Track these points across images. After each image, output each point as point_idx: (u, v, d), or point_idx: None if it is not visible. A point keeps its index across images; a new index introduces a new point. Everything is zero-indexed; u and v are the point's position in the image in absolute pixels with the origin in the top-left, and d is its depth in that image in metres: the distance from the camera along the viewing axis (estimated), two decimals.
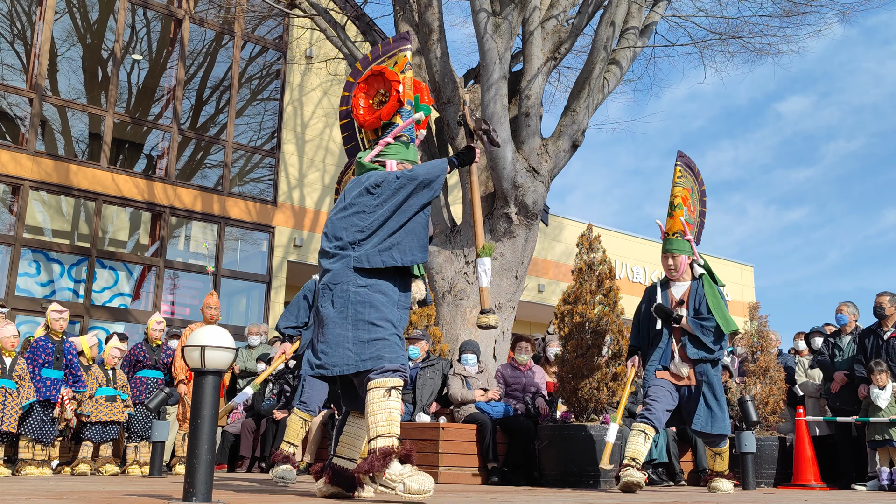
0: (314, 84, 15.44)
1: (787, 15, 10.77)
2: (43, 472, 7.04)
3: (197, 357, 3.28)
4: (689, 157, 6.05)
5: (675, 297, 5.60)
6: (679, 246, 5.64)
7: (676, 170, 5.92)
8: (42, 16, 12.76)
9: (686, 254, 5.64)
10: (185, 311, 13.49)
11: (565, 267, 18.00)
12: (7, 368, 6.94)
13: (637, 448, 5.25)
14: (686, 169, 5.98)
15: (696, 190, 6.07)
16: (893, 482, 6.89)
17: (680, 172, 5.91)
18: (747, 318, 8.23)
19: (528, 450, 6.67)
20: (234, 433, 9.04)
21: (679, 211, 5.70)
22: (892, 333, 7.31)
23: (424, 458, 6.50)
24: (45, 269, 12.33)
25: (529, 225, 8.50)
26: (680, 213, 5.69)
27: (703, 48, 11.70)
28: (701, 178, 6.16)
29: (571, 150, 8.75)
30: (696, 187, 6.06)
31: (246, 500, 3.64)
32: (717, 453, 5.64)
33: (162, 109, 14.15)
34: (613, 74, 9.26)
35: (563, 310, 6.63)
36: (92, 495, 3.79)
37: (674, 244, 5.65)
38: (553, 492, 5.27)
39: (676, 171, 5.92)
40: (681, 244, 5.64)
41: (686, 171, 5.97)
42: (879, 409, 7.02)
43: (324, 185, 15.25)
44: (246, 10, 14.19)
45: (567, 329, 6.52)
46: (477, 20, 8.25)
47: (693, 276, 5.66)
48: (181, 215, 13.59)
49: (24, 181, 12.07)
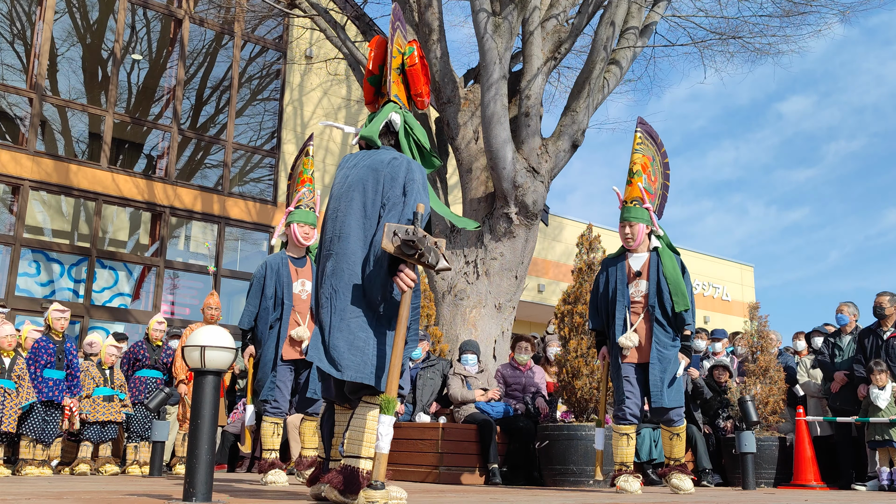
0: (314, 84, 15.44)
1: (787, 15, 10.77)
2: (43, 472, 7.04)
3: (197, 357, 3.28)
4: (650, 125, 5.78)
5: (633, 268, 5.36)
6: (637, 214, 5.37)
7: (636, 136, 5.63)
8: (42, 16, 12.76)
9: (644, 222, 5.37)
10: (185, 311, 13.49)
11: (565, 267, 18.00)
12: (6, 368, 6.94)
13: (623, 451, 5.18)
14: (647, 136, 5.69)
15: (659, 161, 5.77)
16: (893, 482, 6.89)
17: (640, 139, 5.63)
18: (747, 318, 8.23)
19: (528, 450, 6.67)
20: (234, 433, 9.04)
21: (638, 178, 5.45)
22: (892, 333, 7.31)
23: (424, 458, 6.50)
24: (45, 269, 12.33)
25: (529, 225, 8.50)
26: (639, 181, 5.44)
27: (703, 48, 11.70)
28: (664, 150, 5.86)
29: (571, 150, 8.76)
30: (657, 158, 5.77)
31: (246, 500, 3.64)
32: (676, 434, 5.24)
33: (162, 109, 14.16)
34: (613, 74, 9.26)
35: (563, 310, 6.64)
36: (92, 495, 3.79)
37: (631, 212, 5.38)
38: (553, 492, 5.27)
39: (636, 137, 5.63)
40: (639, 212, 5.38)
41: (646, 139, 5.69)
42: (879, 409, 7.02)
43: (324, 185, 15.25)
44: (246, 10, 14.19)
45: (567, 329, 6.52)
46: (477, 20, 8.25)
47: (649, 248, 5.41)
48: (181, 215, 13.59)
49: (24, 181, 12.07)
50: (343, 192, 3.41)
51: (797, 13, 10.67)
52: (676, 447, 5.29)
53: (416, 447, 6.57)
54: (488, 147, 8.19)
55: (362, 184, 3.36)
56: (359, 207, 3.33)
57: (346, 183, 3.43)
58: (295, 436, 8.05)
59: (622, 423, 5.18)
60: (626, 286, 5.34)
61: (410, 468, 6.58)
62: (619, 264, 5.42)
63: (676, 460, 5.30)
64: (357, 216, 3.33)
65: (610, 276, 5.43)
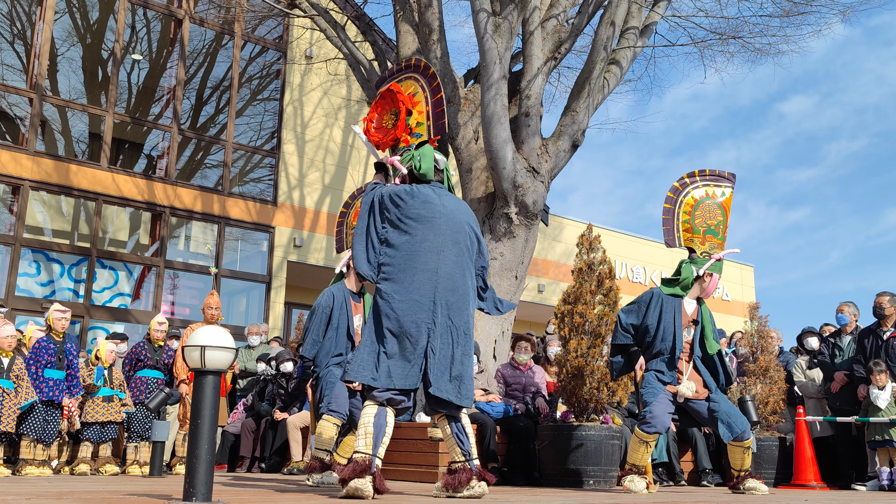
0: (314, 84, 15.44)
1: (788, 15, 10.77)
2: (43, 472, 7.04)
3: (197, 357, 3.28)
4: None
5: (688, 315, 5.56)
6: (721, 269, 5.64)
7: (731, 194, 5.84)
8: (42, 16, 12.76)
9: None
10: (185, 311, 13.49)
11: (565, 267, 18.00)
12: (5, 368, 6.94)
13: (639, 455, 5.29)
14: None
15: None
16: (893, 482, 6.89)
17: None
18: (747, 318, 8.23)
19: (528, 450, 6.67)
20: (234, 433, 9.04)
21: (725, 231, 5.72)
22: (892, 333, 7.31)
23: (424, 458, 6.50)
24: (45, 269, 12.33)
25: (529, 225, 8.50)
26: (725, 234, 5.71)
27: (703, 48, 11.69)
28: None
29: (571, 150, 8.76)
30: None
31: (246, 500, 3.64)
32: (747, 447, 5.55)
33: (162, 109, 14.16)
34: (613, 74, 9.26)
35: (563, 310, 6.63)
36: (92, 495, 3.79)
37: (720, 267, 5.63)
38: (553, 492, 5.28)
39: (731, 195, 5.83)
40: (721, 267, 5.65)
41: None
42: (879, 409, 7.01)
43: (324, 185, 15.26)
44: (246, 10, 14.19)
45: (567, 329, 6.51)
46: (477, 20, 8.25)
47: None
48: (181, 215, 13.59)
49: (24, 181, 12.08)
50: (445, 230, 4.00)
51: (797, 13, 10.67)
52: (747, 459, 5.59)
53: (416, 447, 6.57)
54: (488, 147, 8.19)
55: (464, 230, 4.07)
56: (466, 250, 4.05)
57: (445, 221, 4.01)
58: (295, 436, 8.06)
59: (650, 431, 5.29)
60: (681, 329, 5.53)
61: (410, 468, 6.58)
62: (676, 304, 5.55)
63: (747, 471, 5.61)
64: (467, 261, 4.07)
65: (665, 313, 5.54)
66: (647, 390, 5.44)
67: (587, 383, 6.27)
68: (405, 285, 3.86)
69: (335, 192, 15.37)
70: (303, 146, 15.09)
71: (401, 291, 3.85)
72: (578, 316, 6.47)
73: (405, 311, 3.82)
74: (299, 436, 8.06)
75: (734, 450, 5.57)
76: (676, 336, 5.46)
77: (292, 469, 7.73)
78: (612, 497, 4.75)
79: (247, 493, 4.26)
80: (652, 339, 5.54)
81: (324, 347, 5.61)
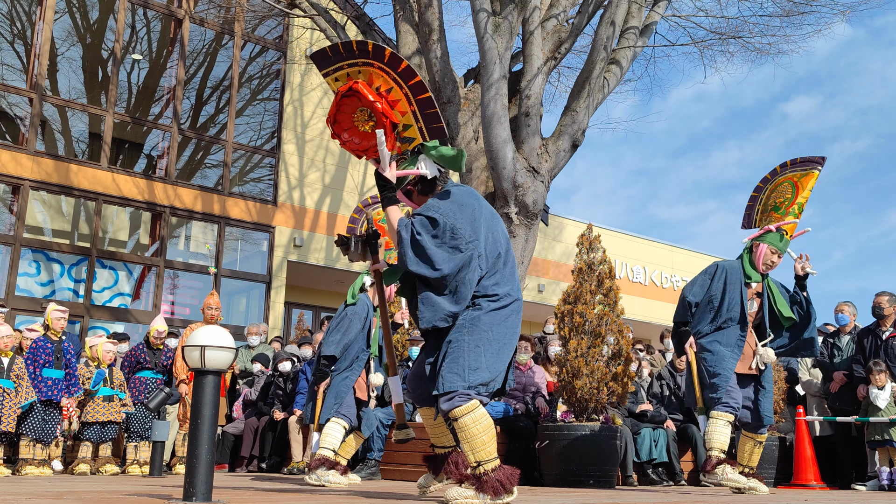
0: (314, 84, 15.44)
1: (788, 15, 10.77)
2: (43, 472, 7.04)
3: (197, 357, 3.28)
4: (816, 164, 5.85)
5: (752, 287, 5.56)
6: (772, 240, 5.60)
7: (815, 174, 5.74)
8: (42, 16, 12.76)
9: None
10: (185, 311, 13.49)
11: (565, 267, 18.00)
12: (5, 368, 6.94)
13: (724, 439, 5.24)
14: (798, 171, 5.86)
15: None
16: (893, 482, 6.89)
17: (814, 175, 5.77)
18: None
19: (528, 450, 6.67)
20: (234, 433, 9.03)
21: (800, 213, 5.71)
22: (891, 333, 7.31)
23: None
24: (45, 269, 12.33)
25: (529, 225, 8.50)
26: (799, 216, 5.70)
27: (703, 48, 11.70)
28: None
29: (571, 149, 8.76)
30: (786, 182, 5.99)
31: (246, 500, 3.64)
32: (760, 441, 5.50)
33: (162, 109, 14.16)
34: (613, 74, 9.26)
35: (563, 310, 6.63)
36: (92, 495, 3.79)
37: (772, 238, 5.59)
38: (553, 492, 5.27)
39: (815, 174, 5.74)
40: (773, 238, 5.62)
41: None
42: (879, 409, 7.01)
43: (324, 184, 15.26)
44: (246, 10, 14.19)
45: (567, 329, 6.51)
46: (477, 20, 8.25)
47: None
48: (181, 215, 13.59)
49: (24, 181, 12.08)
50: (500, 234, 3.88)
51: (797, 13, 10.67)
52: (755, 455, 5.56)
53: (416, 447, 6.57)
54: (488, 147, 8.19)
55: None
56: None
57: (495, 225, 3.85)
58: (296, 436, 8.06)
59: (728, 411, 5.27)
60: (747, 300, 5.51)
61: (410, 468, 6.58)
62: (741, 276, 5.52)
63: (752, 469, 5.55)
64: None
65: (730, 283, 5.52)
66: (716, 362, 5.32)
67: (587, 383, 6.27)
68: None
69: (335, 192, 15.38)
70: (303, 146, 15.09)
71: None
72: (578, 316, 6.47)
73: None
74: (299, 436, 8.06)
75: (746, 441, 5.54)
76: (744, 306, 5.43)
77: (292, 469, 7.73)
78: (612, 497, 4.75)
79: (247, 493, 4.26)
80: (717, 310, 5.48)
81: (349, 351, 5.77)
